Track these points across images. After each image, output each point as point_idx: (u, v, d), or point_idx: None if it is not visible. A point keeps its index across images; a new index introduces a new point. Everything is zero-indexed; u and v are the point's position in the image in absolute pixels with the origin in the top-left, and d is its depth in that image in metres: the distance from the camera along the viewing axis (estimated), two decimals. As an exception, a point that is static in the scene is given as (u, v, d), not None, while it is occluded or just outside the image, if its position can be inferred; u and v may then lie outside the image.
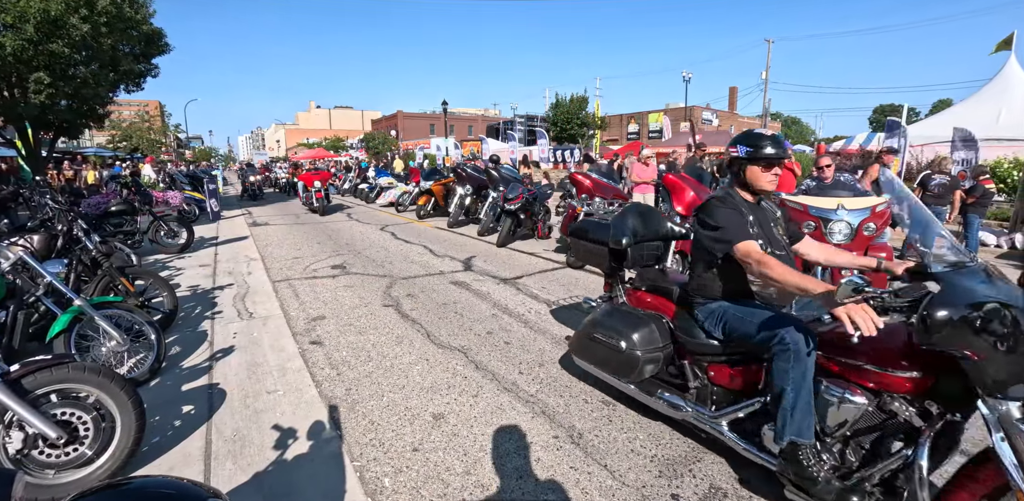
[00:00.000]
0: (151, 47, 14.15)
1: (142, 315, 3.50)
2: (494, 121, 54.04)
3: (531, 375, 3.45)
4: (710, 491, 2.27)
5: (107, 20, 11.42)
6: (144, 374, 3.34)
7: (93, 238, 4.49)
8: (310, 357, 3.79)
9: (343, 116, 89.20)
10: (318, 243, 8.67)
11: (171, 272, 6.61)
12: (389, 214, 12.84)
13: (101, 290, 3.98)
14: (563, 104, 34.43)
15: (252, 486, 2.32)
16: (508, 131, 32.16)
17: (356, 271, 6.53)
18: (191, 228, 8.30)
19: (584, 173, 7.24)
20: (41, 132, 14.05)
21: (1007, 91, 13.08)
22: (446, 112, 28.59)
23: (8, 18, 10.02)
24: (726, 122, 44.93)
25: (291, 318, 4.69)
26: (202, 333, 4.30)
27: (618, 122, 46.82)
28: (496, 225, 8.78)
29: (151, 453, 2.57)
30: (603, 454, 2.54)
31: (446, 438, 2.70)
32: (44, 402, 2.24)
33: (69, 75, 11.69)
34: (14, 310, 2.93)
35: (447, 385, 3.31)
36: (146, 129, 34.31)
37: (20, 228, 4.42)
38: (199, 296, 5.46)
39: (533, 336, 4.18)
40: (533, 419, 2.87)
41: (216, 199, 12.59)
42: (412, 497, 2.25)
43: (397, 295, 5.39)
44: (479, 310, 4.87)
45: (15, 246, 3.75)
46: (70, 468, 2.27)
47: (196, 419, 2.91)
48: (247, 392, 3.23)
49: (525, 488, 2.29)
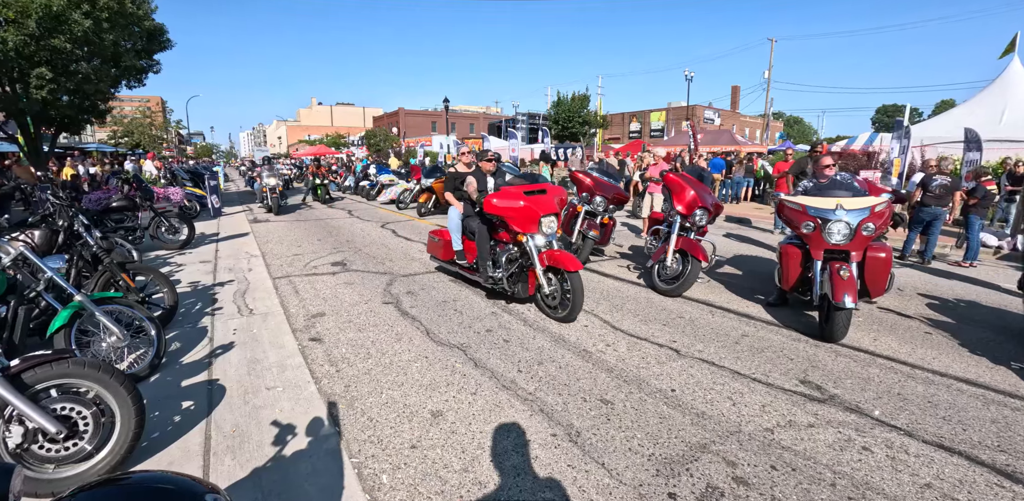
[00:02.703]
0: (153, 43, 14.16)
1: (142, 311, 3.50)
2: (496, 119, 54.00)
3: (529, 373, 3.45)
4: (707, 490, 2.27)
5: (109, 16, 11.42)
6: (144, 370, 3.35)
7: (94, 234, 4.50)
8: (309, 354, 3.80)
9: (345, 113, 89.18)
10: (318, 240, 8.68)
11: (172, 268, 6.62)
12: (390, 211, 12.84)
13: (101, 286, 3.99)
14: (565, 102, 34.38)
15: (251, 482, 2.33)
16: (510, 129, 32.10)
17: (356, 268, 6.54)
18: (192, 224, 8.31)
19: (585, 172, 7.22)
20: (43, 127, 14.06)
21: (1010, 92, 13.02)
22: (448, 109, 28.52)
23: (10, 13, 10.02)
24: (728, 121, 44.83)
25: (291, 315, 4.70)
26: (202, 329, 4.32)
27: (620, 121, 46.75)
28: (496, 223, 8.77)
29: (151, 448, 2.58)
30: (601, 452, 2.55)
31: (444, 435, 2.71)
32: (44, 397, 2.25)
33: (71, 70, 11.68)
34: (15, 305, 2.94)
35: (446, 382, 3.32)
36: (147, 125, 34.28)
37: (21, 223, 4.41)
38: (199, 292, 5.47)
39: (532, 334, 4.18)
40: (531, 417, 2.88)
41: (217, 195, 12.61)
42: (410, 494, 2.26)
43: (397, 292, 5.40)
44: (479, 308, 4.88)
45: (16, 241, 3.77)
46: (70, 463, 2.27)
47: (196, 415, 2.92)
48: (246, 388, 3.24)
49: (523, 486, 2.30)
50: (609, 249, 7.63)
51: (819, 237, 4.16)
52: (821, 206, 4.21)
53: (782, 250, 4.59)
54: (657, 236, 6.00)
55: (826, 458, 2.51)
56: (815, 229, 4.18)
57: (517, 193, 4.56)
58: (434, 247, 5.95)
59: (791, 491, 2.26)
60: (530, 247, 4.54)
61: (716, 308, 4.95)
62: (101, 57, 12.32)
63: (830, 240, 4.13)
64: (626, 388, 3.24)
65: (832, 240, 4.12)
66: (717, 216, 5.82)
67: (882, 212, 4.13)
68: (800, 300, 4.89)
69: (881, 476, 2.37)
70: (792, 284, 4.56)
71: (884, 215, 4.16)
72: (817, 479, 2.35)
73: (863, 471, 2.41)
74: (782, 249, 4.60)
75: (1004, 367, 3.63)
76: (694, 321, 4.58)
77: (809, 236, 4.24)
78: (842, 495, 2.24)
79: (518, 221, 4.53)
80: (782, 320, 4.60)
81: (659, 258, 5.47)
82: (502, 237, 4.97)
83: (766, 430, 2.75)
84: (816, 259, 4.25)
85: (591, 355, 3.76)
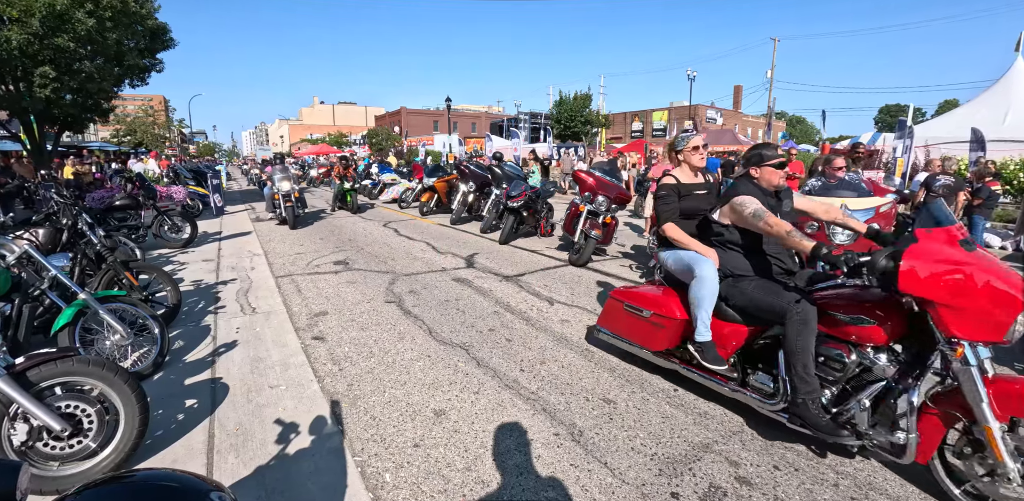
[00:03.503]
0: (156, 42, 14.17)
1: (146, 309, 3.51)
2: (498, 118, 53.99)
3: (532, 372, 3.46)
4: (710, 490, 2.27)
5: (112, 14, 11.43)
6: (147, 368, 3.36)
7: (98, 232, 4.51)
8: (312, 352, 3.81)
9: (347, 112, 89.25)
10: (321, 239, 8.69)
11: (175, 267, 6.63)
12: (392, 211, 12.85)
13: (105, 284, 4.01)
14: (567, 101, 34.37)
15: (254, 480, 2.33)
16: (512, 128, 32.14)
17: (359, 267, 6.55)
18: (195, 223, 8.32)
19: (587, 171, 7.22)
20: (46, 126, 14.09)
21: (1014, 92, 12.98)
22: (450, 109, 28.52)
23: (14, 12, 10.04)
24: (730, 121, 44.75)
25: (294, 313, 4.71)
26: (205, 327, 4.32)
27: (622, 120, 46.70)
28: (499, 222, 8.78)
29: (154, 446, 2.58)
30: (603, 452, 2.55)
31: (447, 434, 2.71)
32: (49, 395, 2.26)
33: (74, 69, 11.71)
34: (19, 303, 2.95)
35: (448, 382, 3.32)
36: (150, 124, 34.35)
37: (25, 222, 4.43)
38: (202, 291, 5.48)
39: (535, 333, 4.18)
40: (534, 416, 2.88)
41: (220, 194, 12.63)
42: (413, 492, 2.26)
43: (399, 291, 5.41)
44: (481, 307, 4.88)
45: (20, 239, 3.78)
46: (74, 460, 2.28)
47: (199, 413, 2.93)
48: (250, 386, 3.25)
49: (525, 485, 2.30)
50: (611, 249, 7.62)
51: (823, 238, 4.16)
52: (825, 206, 4.20)
53: (785, 250, 4.58)
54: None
55: (829, 458, 2.50)
56: (819, 229, 4.18)
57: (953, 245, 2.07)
58: (622, 319, 3.32)
59: (794, 491, 2.26)
60: (970, 376, 2.00)
61: (719, 308, 4.94)
62: (104, 56, 12.34)
63: (834, 240, 4.13)
64: (628, 387, 3.24)
65: (836, 240, 4.12)
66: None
67: (887, 213, 4.13)
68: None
69: (884, 476, 2.37)
70: (795, 284, 4.55)
71: (889, 216, 4.16)
72: (820, 479, 2.34)
73: (866, 471, 2.40)
74: (785, 249, 4.59)
75: (1008, 368, 3.62)
76: (696, 321, 4.57)
77: (813, 236, 4.24)
78: (845, 495, 2.23)
79: (974, 317, 1.96)
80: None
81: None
82: (845, 335, 2.40)
83: (768, 430, 2.75)
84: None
85: (593, 354, 3.76)
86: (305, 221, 10.61)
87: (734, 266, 2.84)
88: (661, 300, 3.11)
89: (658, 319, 3.08)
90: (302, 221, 10.42)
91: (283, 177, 10.00)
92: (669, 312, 3.03)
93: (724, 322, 2.84)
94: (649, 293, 3.26)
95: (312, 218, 10.59)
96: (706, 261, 2.84)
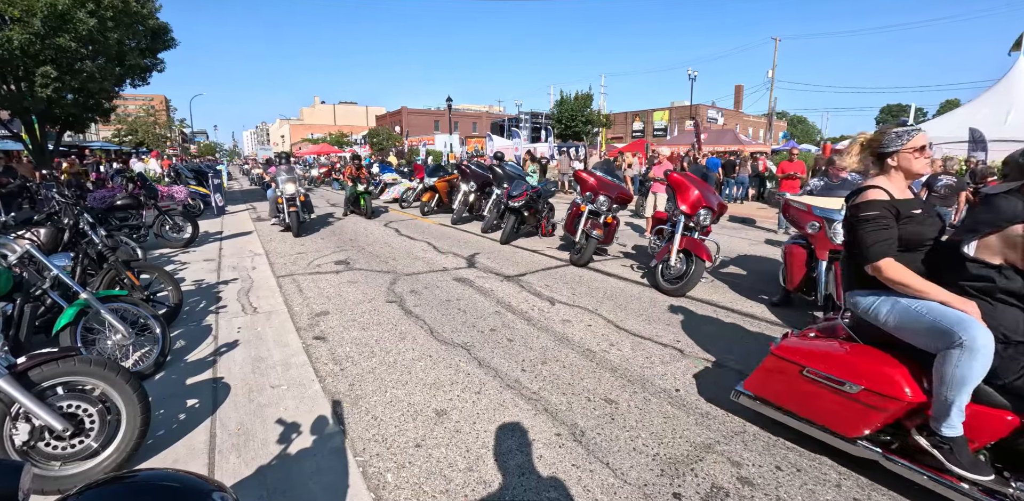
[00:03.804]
0: (157, 42, 14.20)
1: (147, 309, 3.52)
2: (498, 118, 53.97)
3: (534, 372, 3.45)
4: (712, 490, 2.27)
5: (113, 14, 11.45)
6: (149, 367, 3.36)
7: (99, 232, 4.51)
8: (314, 352, 3.81)
9: (347, 112, 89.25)
10: (321, 239, 8.69)
11: (176, 266, 6.64)
12: (393, 210, 12.85)
13: (107, 284, 4.01)
14: (568, 101, 34.36)
15: (256, 480, 2.33)
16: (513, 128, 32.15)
17: (360, 267, 6.55)
18: (196, 223, 8.33)
19: (589, 171, 7.21)
20: (47, 126, 14.11)
21: (1015, 92, 12.97)
22: (451, 108, 28.52)
23: (15, 12, 10.06)
24: (731, 120, 44.70)
25: (295, 313, 4.71)
26: (206, 327, 4.32)
27: (623, 120, 46.68)
28: (500, 222, 8.78)
29: (156, 446, 2.58)
30: (605, 452, 2.55)
31: (449, 434, 2.71)
32: (50, 394, 2.26)
33: (75, 69, 11.73)
34: (21, 303, 2.95)
35: (450, 382, 3.32)
36: (151, 123, 34.40)
37: (27, 221, 4.43)
38: (204, 290, 5.48)
39: (536, 333, 4.18)
40: (535, 416, 2.88)
41: (221, 194, 12.64)
42: (414, 493, 2.26)
43: (401, 291, 5.40)
44: (482, 307, 4.87)
45: (22, 239, 3.78)
46: (76, 460, 2.28)
47: (200, 413, 2.93)
48: (251, 386, 3.25)
49: (527, 485, 2.30)
50: (613, 249, 7.62)
51: (824, 237, 4.16)
52: (827, 206, 4.20)
53: (787, 250, 4.59)
54: (661, 236, 5.99)
55: (831, 459, 2.50)
56: (820, 229, 4.17)
57: None
58: (795, 387, 2.50)
59: (796, 492, 2.25)
60: None
61: (720, 308, 4.93)
62: (105, 56, 12.37)
63: (835, 240, 4.12)
64: (630, 388, 3.24)
65: (837, 240, 4.11)
66: (721, 216, 5.81)
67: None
68: (804, 300, 4.87)
69: (886, 478, 2.36)
70: (796, 284, 4.55)
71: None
72: (822, 480, 2.34)
73: (869, 472, 2.40)
74: (787, 249, 4.59)
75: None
76: (698, 321, 4.56)
77: (814, 236, 4.24)
78: (847, 496, 2.23)
79: None
80: (786, 320, 4.59)
81: (663, 258, 5.46)
82: None
83: (770, 430, 2.74)
84: (821, 259, 4.24)
85: (595, 354, 3.76)
86: (311, 227, 9.84)
87: (1010, 328, 1.99)
88: (876, 370, 2.20)
89: (873, 398, 2.17)
90: (307, 227, 9.62)
91: (288, 178, 9.23)
92: (895, 391, 2.11)
93: (976, 404, 1.99)
94: (844, 355, 2.36)
95: (318, 224, 10.50)
96: (976, 323, 1.95)
